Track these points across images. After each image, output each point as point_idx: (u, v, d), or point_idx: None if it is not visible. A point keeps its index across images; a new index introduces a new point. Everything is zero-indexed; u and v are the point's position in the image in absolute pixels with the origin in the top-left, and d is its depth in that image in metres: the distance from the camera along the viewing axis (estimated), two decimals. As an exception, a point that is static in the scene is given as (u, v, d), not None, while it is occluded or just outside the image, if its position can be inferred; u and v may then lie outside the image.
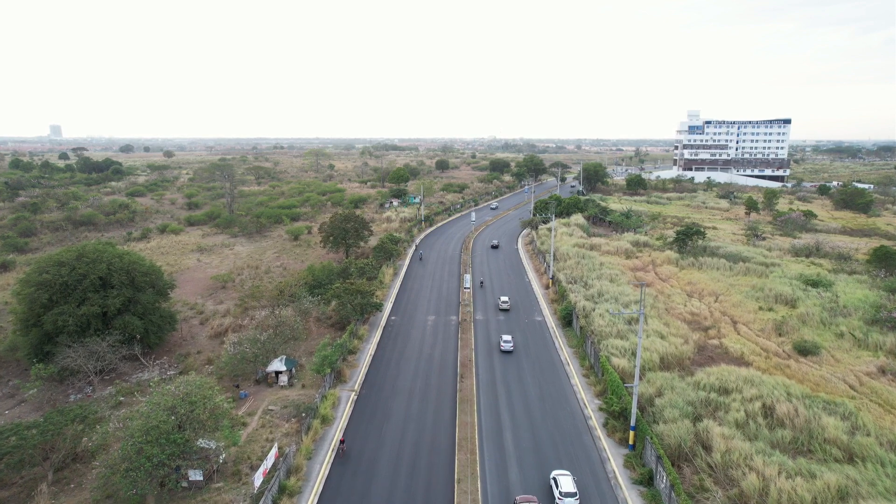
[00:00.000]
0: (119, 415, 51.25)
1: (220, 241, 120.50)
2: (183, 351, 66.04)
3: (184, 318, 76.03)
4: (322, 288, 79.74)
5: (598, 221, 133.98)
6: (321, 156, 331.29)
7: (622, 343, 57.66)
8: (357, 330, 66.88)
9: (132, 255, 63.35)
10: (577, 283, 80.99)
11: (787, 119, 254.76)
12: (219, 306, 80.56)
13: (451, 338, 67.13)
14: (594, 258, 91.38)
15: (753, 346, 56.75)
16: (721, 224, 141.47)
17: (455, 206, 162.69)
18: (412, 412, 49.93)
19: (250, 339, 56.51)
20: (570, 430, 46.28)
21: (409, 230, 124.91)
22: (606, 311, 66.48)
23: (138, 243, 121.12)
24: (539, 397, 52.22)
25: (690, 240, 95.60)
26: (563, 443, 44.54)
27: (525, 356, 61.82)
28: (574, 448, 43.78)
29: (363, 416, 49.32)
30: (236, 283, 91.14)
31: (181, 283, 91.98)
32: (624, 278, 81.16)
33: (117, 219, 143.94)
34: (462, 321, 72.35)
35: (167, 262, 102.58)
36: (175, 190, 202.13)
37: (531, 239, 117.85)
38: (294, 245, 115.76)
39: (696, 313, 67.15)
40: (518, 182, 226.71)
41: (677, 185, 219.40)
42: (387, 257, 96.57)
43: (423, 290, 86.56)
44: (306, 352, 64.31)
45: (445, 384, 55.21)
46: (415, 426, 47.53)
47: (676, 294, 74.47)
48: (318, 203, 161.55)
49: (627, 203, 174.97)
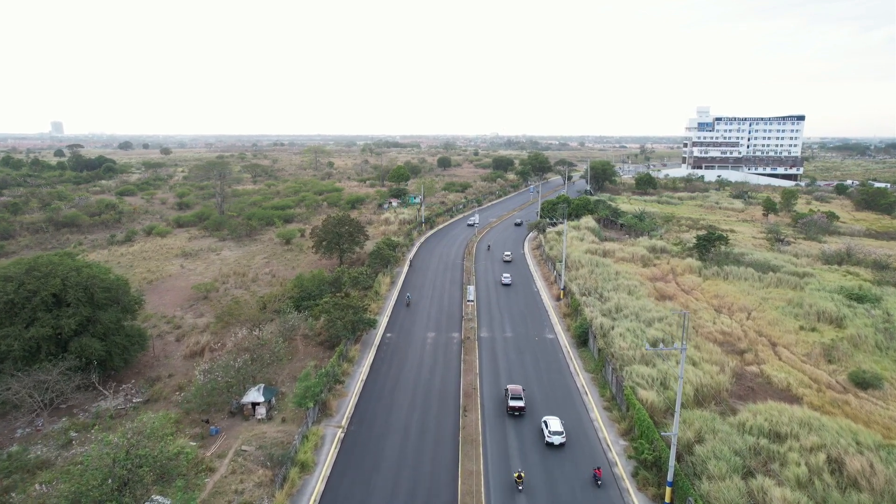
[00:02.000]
0: (70, 455, 44.42)
1: (206, 244, 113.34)
2: (153, 374, 58.98)
3: (158, 334, 69.00)
4: (311, 300, 72.63)
5: (609, 224, 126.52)
6: (320, 153, 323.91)
7: (648, 371, 50.37)
8: (347, 351, 59.70)
9: (93, 268, 56.18)
10: (592, 296, 73.65)
11: (800, 115, 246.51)
12: (198, 320, 73.48)
13: (452, 360, 59.90)
14: (609, 266, 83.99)
15: (800, 375, 49.37)
16: (738, 226, 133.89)
17: (457, 207, 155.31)
18: (407, 456, 42.74)
19: (223, 367, 49.39)
20: (595, 482, 39.02)
21: (409, 233, 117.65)
22: (627, 331, 59.14)
23: (121, 246, 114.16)
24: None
25: (713, 246, 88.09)
26: (585, 501, 37.31)
27: (537, 382, 54.58)
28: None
29: (349, 462, 42.14)
30: (220, 293, 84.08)
31: (161, 292, 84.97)
32: (643, 290, 73.78)
33: (103, 220, 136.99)
34: (465, 339, 65.11)
35: (148, 269, 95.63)
36: (167, 189, 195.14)
37: (539, 243, 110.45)
38: (285, 250, 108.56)
39: (728, 333, 59.76)
40: (523, 181, 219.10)
41: (688, 185, 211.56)
42: (383, 264, 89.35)
43: (422, 301, 79.32)
44: (290, 376, 57.18)
45: (446, 419, 48.01)
46: (409, 476, 40.33)
47: (703, 309, 67.09)
48: (314, 203, 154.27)
49: (638, 203, 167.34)
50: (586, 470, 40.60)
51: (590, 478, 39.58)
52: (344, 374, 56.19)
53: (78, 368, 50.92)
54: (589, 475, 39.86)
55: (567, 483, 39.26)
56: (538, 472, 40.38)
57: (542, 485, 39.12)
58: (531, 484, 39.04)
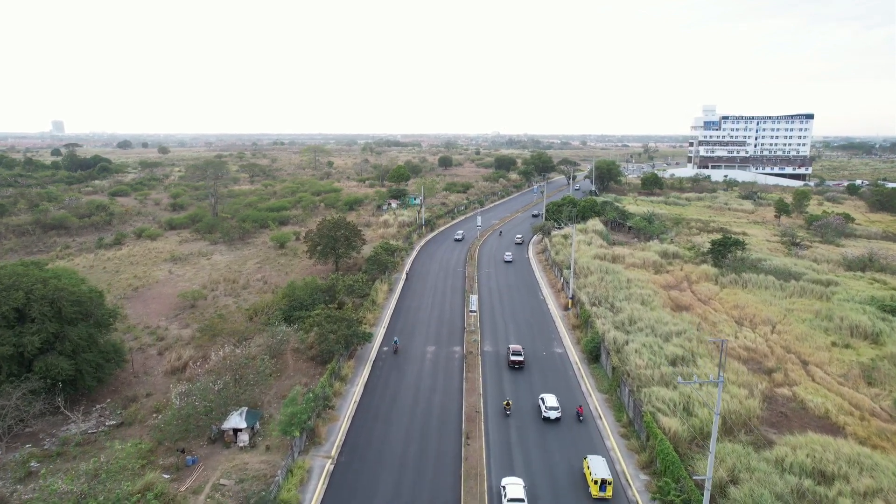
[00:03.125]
0: (28, 491, 39.90)
1: (197, 248, 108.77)
2: (130, 392, 54.43)
3: (140, 347, 64.49)
4: (304, 310, 68.02)
5: (617, 226, 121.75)
6: (320, 152, 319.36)
7: (669, 394, 45.71)
8: (340, 369, 55.10)
9: (62, 280, 51.60)
10: (602, 306, 68.98)
11: (809, 114, 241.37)
12: (183, 331, 68.93)
13: (454, 378, 55.28)
14: (619, 273, 79.29)
15: (838, 399, 44.68)
16: (749, 229, 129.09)
17: (459, 208, 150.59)
18: (403, 495, 38.14)
19: (201, 390, 44.81)
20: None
21: (408, 236, 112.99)
22: (643, 347, 54.47)
23: (108, 250, 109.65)
24: (568, 471, 40.33)
25: (729, 252, 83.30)
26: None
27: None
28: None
29: (338, 502, 37.54)
30: (208, 302, 79.55)
31: (146, 300, 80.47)
32: (658, 300, 69.07)
33: (92, 222, 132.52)
34: (468, 354, 60.46)
35: (134, 275, 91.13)
36: (162, 189, 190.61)
37: (544, 247, 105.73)
38: (279, 254, 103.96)
39: (753, 349, 55.06)
40: (526, 181, 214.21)
41: (695, 185, 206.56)
42: (381, 270, 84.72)
43: (421, 310, 74.70)
44: (278, 395, 52.63)
45: (447, 449, 43.39)
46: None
47: (723, 321, 62.37)
48: (311, 205, 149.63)
49: (644, 204, 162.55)
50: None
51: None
52: (336, 394, 51.61)
53: (43, 390, 46.42)
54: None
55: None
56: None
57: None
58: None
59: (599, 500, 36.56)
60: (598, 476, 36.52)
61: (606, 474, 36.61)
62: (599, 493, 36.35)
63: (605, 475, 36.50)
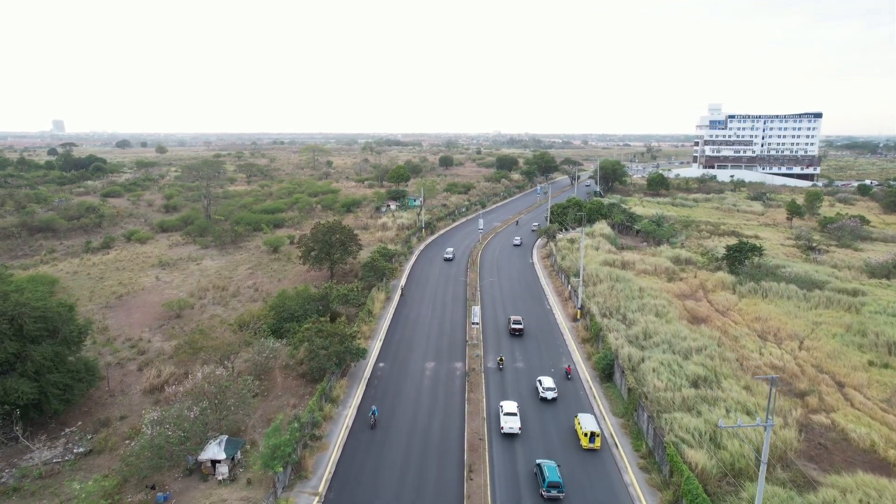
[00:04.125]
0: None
1: (187, 253, 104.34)
2: (102, 415, 50.03)
3: (118, 362, 60.15)
4: (295, 322, 63.64)
5: (624, 230, 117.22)
6: (319, 152, 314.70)
7: (693, 421, 41.24)
8: (331, 389, 50.65)
9: (29, 292, 47.23)
10: (614, 317, 64.50)
11: (818, 113, 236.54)
12: (167, 343, 64.55)
13: (455, 398, 50.84)
14: (630, 281, 74.76)
15: (885, 429, 40.15)
16: (761, 231, 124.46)
17: (460, 210, 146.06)
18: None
19: (174, 418, 40.38)
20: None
21: (408, 239, 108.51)
22: (661, 366, 49.98)
23: (95, 254, 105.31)
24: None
25: (746, 258, 78.73)
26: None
27: (556, 431, 45.47)
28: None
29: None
30: (195, 311, 75.18)
31: (130, 309, 76.11)
32: (673, 311, 64.54)
33: (81, 224, 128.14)
34: (470, 370, 56.00)
35: (120, 281, 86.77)
36: (156, 190, 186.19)
37: (549, 252, 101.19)
38: (272, 259, 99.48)
39: (780, 367, 50.53)
40: (528, 181, 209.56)
41: (702, 185, 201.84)
42: (378, 277, 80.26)
43: (420, 321, 70.24)
44: (263, 419, 48.29)
45: (447, 485, 38.95)
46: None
47: (745, 336, 57.83)
48: (307, 207, 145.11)
49: (651, 206, 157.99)
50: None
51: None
52: (326, 417, 47.19)
53: (0, 417, 42.07)
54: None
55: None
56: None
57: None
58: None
59: (589, 450, 41.93)
60: (587, 429, 42.02)
61: (595, 427, 42.37)
62: (589, 445, 41.89)
63: (593, 428, 42.14)
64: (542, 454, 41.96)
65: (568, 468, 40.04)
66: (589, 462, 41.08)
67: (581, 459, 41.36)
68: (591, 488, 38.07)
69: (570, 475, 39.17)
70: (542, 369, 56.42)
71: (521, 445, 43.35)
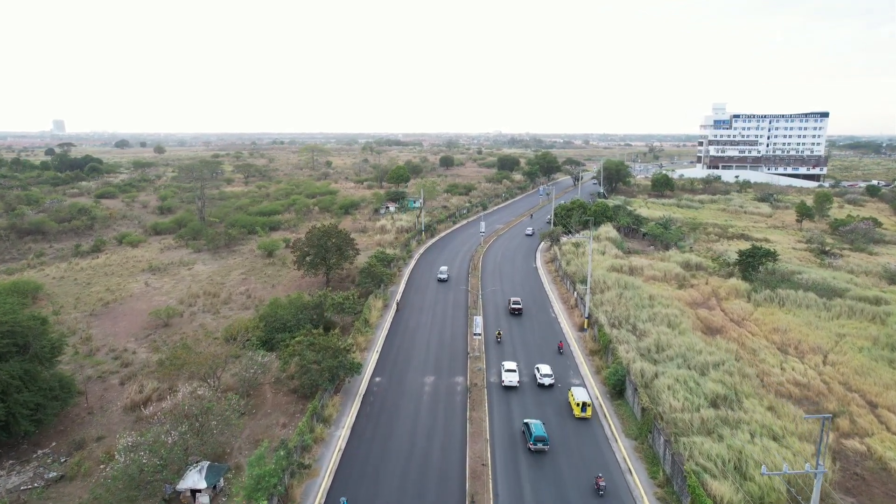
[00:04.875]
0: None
1: (179, 257, 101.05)
2: (79, 435, 46.70)
3: (100, 376, 56.85)
4: (287, 332, 60.36)
5: (630, 232, 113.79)
6: (318, 152, 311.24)
7: (715, 447, 37.87)
8: (323, 408, 47.34)
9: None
10: (624, 328, 61.16)
11: (824, 112, 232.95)
12: (153, 355, 61.23)
13: (456, 418, 47.48)
14: (640, 288, 71.39)
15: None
16: (770, 234, 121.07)
17: (461, 212, 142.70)
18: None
19: (150, 445, 37.04)
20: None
21: (407, 243, 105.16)
22: (676, 383, 46.64)
23: (84, 258, 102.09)
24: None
25: (760, 263, 75.30)
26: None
27: (564, 454, 42.14)
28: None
29: None
30: (184, 319, 71.91)
31: (116, 317, 72.84)
32: (686, 321, 61.16)
33: (72, 226, 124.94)
34: (472, 386, 52.70)
35: (107, 287, 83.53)
36: (152, 191, 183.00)
37: (553, 256, 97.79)
38: (266, 263, 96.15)
39: (804, 384, 47.18)
40: (530, 181, 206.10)
41: (707, 186, 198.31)
42: (375, 284, 76.95)
43: (420, 330, 66.89)
44: (250, 440, 45.03)
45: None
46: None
47: (763, 349, 54.45)
48: (304, 208, 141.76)
49: (656, 207, 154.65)
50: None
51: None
52: (317, 440, 43.88)
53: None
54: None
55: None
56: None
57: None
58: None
59: (581, 419, 46.56)
60: (579, 400, 46.78)
61: (586, 398, 47.00)
62: (581, 413, 46.40)
63: (584, 399, 46.84)
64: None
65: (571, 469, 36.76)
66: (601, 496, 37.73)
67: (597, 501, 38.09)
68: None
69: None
70: (548, 389, 53.01)
71: (529, 482, 40.01)
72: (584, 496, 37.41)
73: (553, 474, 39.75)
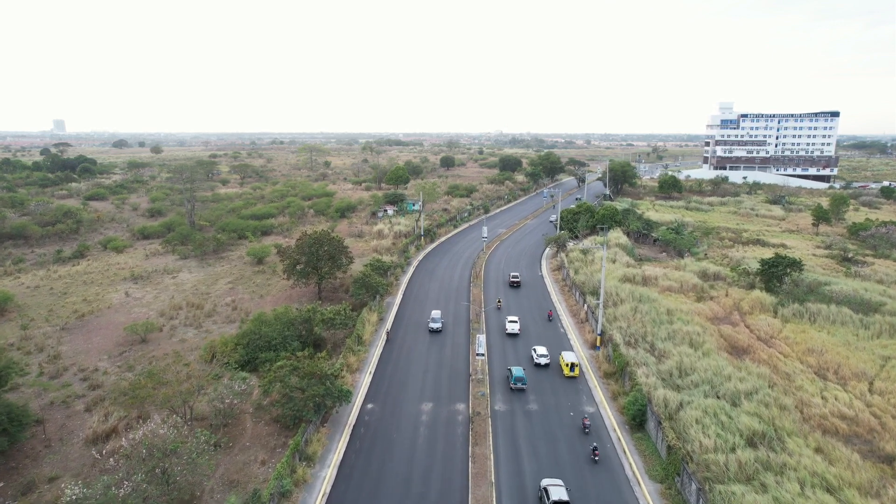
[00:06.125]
0: None
1: (164, 264, 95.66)
2: (30, 475, 41.33)
3: (64, 401, 51.50)
4: (272, 351, 55.07)
5: (640, 237, 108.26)
6: (317, 151, 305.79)
7: (759, 500, 32.37)
8: (307, 443, 41.93)
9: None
10: (641, 347, 55.73)
11: (834, 112, 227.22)
12: (126, 375, 55.92)
13: (456, 455, 42.04)
14: (655, 301, 65.94)
15: None
16: (787, 239, 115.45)
17: (462, 215, 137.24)
18: None
19: (99, 501, 31.65)
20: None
21: (405, 249, 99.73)
22: (705, 415, 41.20)
23: (65, 265, 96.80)
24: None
25: (785, 274, 69.77)
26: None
27: (580, 500, 36.70)
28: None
29: None
30: (164, 335, 66.55)
31: (90, 331, 67.52)
32: (710, 339, 55.68)
33: (57, 230, 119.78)
34: (474, 415, 47.28)
35: (84, 297, 78.26)
36: (144, 192, 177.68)
37: (559, 263, 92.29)
38: (255, 271, 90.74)
39: (851, 417, 41.70)
40: (533, 183, 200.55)
41: (716, 188, 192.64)
42: (370, 295, 71.58)
43: (417, 349, 61.44)
44: (224, 480, 39.70)
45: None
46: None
47: (799, 373, 48.96)
48: (299, 211, 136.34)
49: (664, 210, 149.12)
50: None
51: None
52: (299, 482, 38.47)
53: None
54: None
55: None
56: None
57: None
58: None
59: (570, 378, 52.89)
60: (568, 361, 53.22)
61: (575, 359, 53.38)
62: (570, 373, 52.74)
63: (573, 360, 53.25)
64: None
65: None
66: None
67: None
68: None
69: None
70: (558, 414, 47.69)
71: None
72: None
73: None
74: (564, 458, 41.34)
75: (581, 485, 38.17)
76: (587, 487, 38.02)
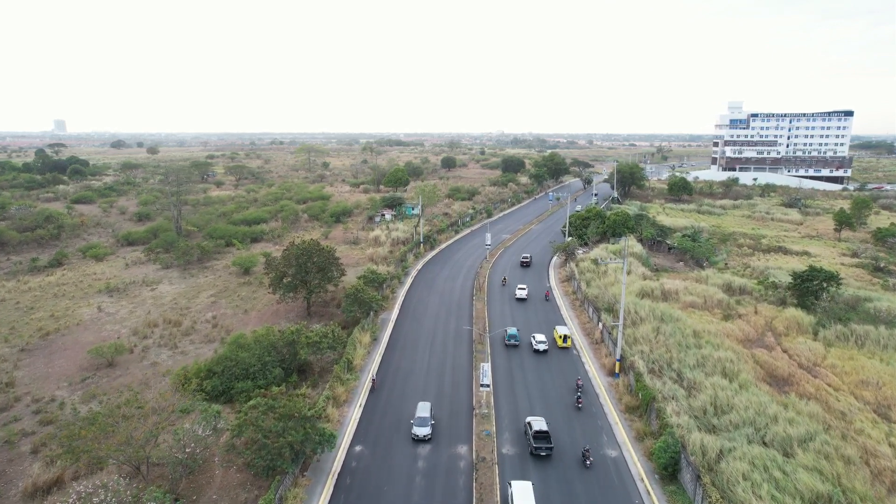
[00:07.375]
0: None
1: (143, 274, 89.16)
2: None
3: (8, 439, 45.02)
4: (251, 380, 48.68)
5: (654, 245, 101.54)
6: (316, 152, 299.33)
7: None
8: (284, 499, 35.36)
9: None
10: (666, 375, 49.10)
11: (848, 111, 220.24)
12: (86, 406, 49.52)
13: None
14: (679, 321, 59.26)
15: None
16: (808, 246, 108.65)
17: (464, 219, 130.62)
18: None
19: None
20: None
21: (403, 257, 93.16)
22: (753, 468, 34.60)
23: (38, 275, 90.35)
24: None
25: (821, 289, 63.01)
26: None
27: None
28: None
29: None
30: (134, 356, 60.12)
31: (53, 352, 61.11)
32: (745, 366, 49.02)
33: (37, 236, 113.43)
34: (479, 460, 40.68)
35: (52, 312, 71.90)
36: (134, 195, 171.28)
37: (569, 274, 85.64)
38: (241, 283, 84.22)
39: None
40: (537, 185, 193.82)
41: (727, 190, 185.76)
42: (363, 312, 65.02)
43: (413, 376, 54.83)
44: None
45: None
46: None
47: (854, 410, 42.27)
48: (293, 215, 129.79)
49: (675, 213, 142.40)
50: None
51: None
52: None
53: None
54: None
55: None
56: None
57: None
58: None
59: (563, 348, 58.30)
60: (561, 333, 58.79)
61: (567, 332, 59.14)
62: (563, 344, 58.16)
63: (566, 332, 58.90)
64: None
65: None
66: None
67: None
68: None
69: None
70: (575, 460, 41.02)
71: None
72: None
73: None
74: (581, 494, 34.73)
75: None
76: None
